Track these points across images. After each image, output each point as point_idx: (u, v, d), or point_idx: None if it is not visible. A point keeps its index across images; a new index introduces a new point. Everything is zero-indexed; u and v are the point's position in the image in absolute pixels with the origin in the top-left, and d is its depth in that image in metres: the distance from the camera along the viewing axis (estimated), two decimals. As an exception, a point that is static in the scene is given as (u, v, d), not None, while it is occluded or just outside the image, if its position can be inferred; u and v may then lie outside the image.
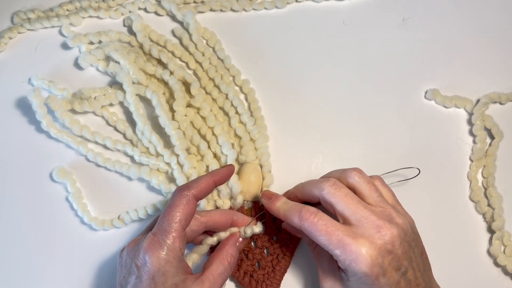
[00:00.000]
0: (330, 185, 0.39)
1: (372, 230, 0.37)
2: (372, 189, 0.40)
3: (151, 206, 0.47)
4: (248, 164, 0.47)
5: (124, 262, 0.38)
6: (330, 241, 0.37)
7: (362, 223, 0.37)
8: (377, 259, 0.36)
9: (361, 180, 0.40)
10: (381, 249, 0.36)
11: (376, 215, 0.37)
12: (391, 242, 0.36)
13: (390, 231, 0.36)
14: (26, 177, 0.48)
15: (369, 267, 0.36)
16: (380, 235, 0.36)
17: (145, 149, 0.48)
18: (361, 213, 0.37)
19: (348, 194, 0.39)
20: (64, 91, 0.49)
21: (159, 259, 0.36)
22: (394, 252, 0.36)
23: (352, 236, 0.36)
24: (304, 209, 0.39)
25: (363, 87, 0.51)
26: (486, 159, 0.49)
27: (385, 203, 0.39)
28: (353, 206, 0.38)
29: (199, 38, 0.51)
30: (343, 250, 0.36)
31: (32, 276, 0.46)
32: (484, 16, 0.53)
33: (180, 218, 0.38)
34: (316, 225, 0.37)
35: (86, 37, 0.51)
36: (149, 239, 0.37)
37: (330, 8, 0.53)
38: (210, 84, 0.50)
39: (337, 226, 0.37)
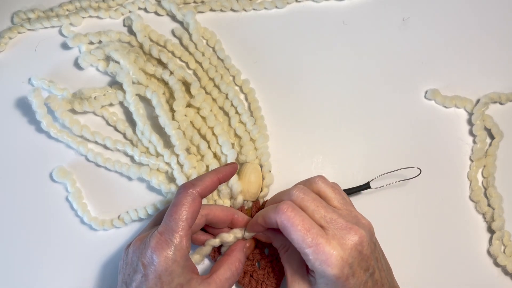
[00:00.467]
0: (298, 190, 0.39)
1: (342, 231, 0.37)
2: (336, 192, 0.40)
3: (151, 206, 0.47)
4: (248, 164, 0.47)
5: (130, 259, 0.38)
6: (304, 238, 0.36)
7: (332, 225, 0.37)
8: (347, 260, 0.36)
9: (324, 185, 0.40)
10: (352, 250, 0.36)
11: (344, 218, 0.38)
12: (360, 243, 0.37)
13: (359, 232, 0.37)
14: (26, 177, 0.48)
15: (339, 269, 0.36)
16: (350, 236, 0.37)
17: (145, 149, 0.48)
18: (330, 215, 0.38)
19: (316, 198, 0.39)
20: (64, 91, 0.49)
21: (167, 259, 0.36)
22: (363, 252, 0.37)
23: (325, 237, 0.36)
24: (281, 202, 0.38)
25: (363, 87, 0.51)
26: (486, 159, 0.49)
27: (349, 206, 0.40)
28: (322, 209, 0.38)
29: (199, 38, 0.51)
30: (315, 250, 0.36)
31: (32, 276, 0.46)
32: (484, 16, 0.53)
33: (186, 217, 0.38)
34: (293, 220, 0.37)
35: (86, 37, 0.51)
36: (156, 238, 0.37)
37: (330, 8, 0.53)
38: (210, 84, 0.50)
39: (312, 223, 0.37)
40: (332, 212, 0.38)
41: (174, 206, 0.38)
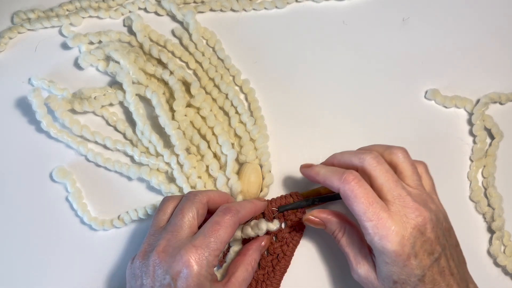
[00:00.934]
0: (373, 157, 0.39)
1: (406, 209, 0.36)
2: (414, 171, 0.39)
3: (151, 206, 0.46)
4: (248, 164, 0.47)
5: (152, 271, 0.37)
6: (366, 211, 0.36)
7: (398, 202, 0.37)
8: (409, 239, 0.36)
9: (405, 160, 0.40)
10: (414, 229, 0.36)
11: (412, 197, 0.37)
12: (423, 224, 0.36)
13: (424, 214, 0.36)
14: (26, 177, 0.48)
15: (400, 246, 0.35)
16: (414, 215, 0.36)
17: (145, 149, 0.48)
18: (399, 191, 0.37)
19: (389, 171, 0.38)
20: (64, 91, 0.49)
21: (200, 275, 0.36)
22: (427, 235, 0.36)
23: (387, 212, 0.36)
24: (347, 171, 0.38)
25: (363, 87, 0.51)
26: (486, 159, 0.49)
27: (422, 188, 0.39)
28: (392, 183, 0.38)
29: (199, 38, 0.51)
30: (376, 223, 0.36)
31: (31, 276, 0.46)
32: (484, 16, 0.53)
33: (226, 240, 0.38)
34: (357, 191, 0.37)
35: (86, 37, 0.51)
36: (191, 252, 0.36)
37: (330, 8, 0.53)
38: (210, 84, 0.50)
39: (375, 198, 0.37)
40: (401, 188, 0.37)
41: (217, 225, 0.38)
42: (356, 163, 0.40)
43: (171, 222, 0.39)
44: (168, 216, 0.40)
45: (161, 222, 0.40)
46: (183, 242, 0.37)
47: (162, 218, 0.40)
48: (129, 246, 0.47)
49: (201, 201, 0.40)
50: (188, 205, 0.39)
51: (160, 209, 0.41)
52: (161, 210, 0.41)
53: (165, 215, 0.41)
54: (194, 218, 0.39)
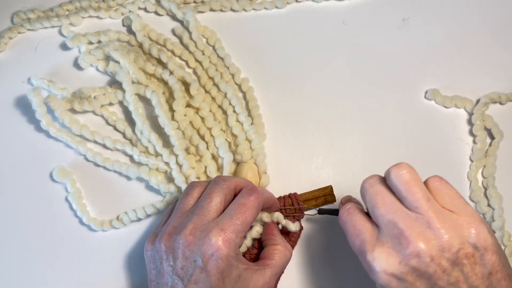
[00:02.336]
0: (367, 181, 0.36)
1: (395, 240, 0.32)
2: (410, 191, 0.33)
3: (150, 207, 0.46)
4: (244, 164, 0.46)
5: (182, 253, 0.37)
6: (353, 244, 0.35)
7: (388, 230, 0.33)
8: (394, 274, 0.32)
9: (398, 179, 0.34)
10: (401, 263, 0.32)
11: (405, 223, 0.32)
12: (415, 257, 0.32)
13: (414, 245, 0.32)
14: (25, 177, 0.48)
15: (384, 281, 0.33)
16: (401, 247, 0.32)
17: (144, 149, 0.48)
18: (389, 217, 0.33)
19: (380, 193, 0.34)
20: (63, 90, 0.49)
21: (229, 256, 0.37)
22: (421, 269, 0.32)
23: (372, 244, 0.33)
24: (344, 206, 0.37)
25: (363, 87, 0.51)
26: (486, 159, 0.49)
27: (425, 209, 0.33)
28: (382, 208, 0.34)
29: (199, 36, 0.51)
30: (361, 257, 0.34)
31: (31, 276, 0.46)
32: (484, 16, 0.53)
33: (251, 221, 0.39)
34: (346, 224, 0.36)
35: (85, 37, 0.51)
36: (220, 235, 0.37)
37: (330, 8, 0.53)
38: (210, 83, 0.50)
39: (364, 228, 0.34)
40: (393, 213, 0.33)
41: (243, 207, 0.39)
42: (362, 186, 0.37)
43: (199, 205, 0.39)
44: (194, 200, 0.41)
45: (187, 206, 0.41)
46: (211, 225, 0.38)
47: (189, 202, 0.41)
48: (128, 247, 0.47)
49: (229, 187, 0.40)
50: (217, 190, 0.40)
51: (187, 193, 0.41)
52: (188, 194, 0.41)
53: (192, 199, 0.41)
54: (221, 203, 0.39)
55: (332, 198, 0.46)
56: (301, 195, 0.46)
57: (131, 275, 0.46)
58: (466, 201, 0.35)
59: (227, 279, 0.37)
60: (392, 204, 0.34)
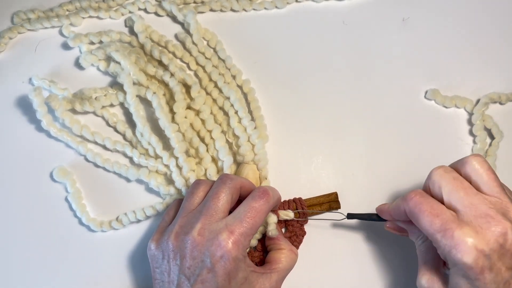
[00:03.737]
0: (439, 168, 0.37)
1: (480, 219, 0.34)
2: (491, 177, 0.36)
3: (149, 208, 0.46)
4: (245, 165, 0.46)
5: (190, 253, 0.37)
6: (432, 224, 0.35)
7: (470, 211, 0.34)
8: (484, 251, 0.33)
9: (480, 167, 0.36)
10: (490, 240, 0.33)
11: (488, 205, 0.34)
12: (502, 235, 0.33)
13: (502, 223, 0.33)
14: (25, 176, 0.48)
15: (472, 258, 0.33)
16: (490, 225, 0.33)
17: (144, 151, 0.48)
18: (470, 199, 0.35)
19: (458, 178, 0.36)
20: (64, 91, 0.49)
21: (236, 259, 0.37)
22: (506, 247, 0.33)
23: (457, 222, 0.34)
24: (410, 191, 0.37)
25: (363, 87, 0.51)
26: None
27: (503, 195, 0.35)
28: (461, 191, 0.35)
29: (200, 38, 0.51)
30: (445, 235, 0.34)
31: (30, 275, 0.46)
32: (484, 16, 0.53)
33: (259, 225, 0.39)
34: (421, 205, 0.36)
35: (86, 37, 0.51)
36: (230, 238, 0.37)
37: (330, 8, 0.53)
38: (211, 85, 0.50)
39: (442, 209, 0.35)
40: (474, 196, 0.35)
41: (254, 211, 0.39)
42: (426, 183, 0.38)
43: (206, 205, 0.39)
44: (200, 199, 0.41)
45: (193, 205, 0.41)
46: (220, 226, 0.38)
47: (195, 201, 0.41)
48: (127, 248, 0.47)
49: (235, 186, 0.40)
50: (224, 189, 0.40)
51: (193, 192, 0.41)
52: (193, 193, 0.41)
53: (197, 197, 0.41)
54: (228, 203, 0.40)
55: (337, 205, 0.46)
56: (306, 200, 0.46)
57: (130, 275, 0.46)
58: None
59: (233, 280, 0.37)
60: (470, 188, 0.36)
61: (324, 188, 0.48)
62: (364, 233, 0.46)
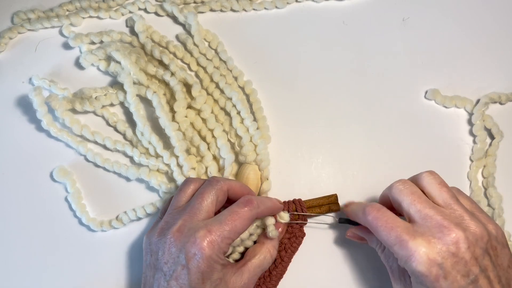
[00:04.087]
0: (398, 182, 0.40)
1: (434, 229, 0.36)
2: (444, 190, 0.38)
3: (149, 205, 0.46)
4: (246, 165, 0.46)
5: (168, 249, 0.38)
6: (388, 237, 0.37)
7: (426, 222, 0.36)
8: (436, 259, 0.35)
9: (431, 181, 0.39)
10: (442, 249, 0.35)
11: (442, 216, 0.36)
12: (454, 244, 0.35)
13: (455, 232, 0.35)
14: (25, 176, 0.48)
15: (425, 266, 0.35)
16: (442, 235, 0.35)
17: (145, 150, 0.48)
18: (426, 211, 0.37)
19: (416, 192, 0.38)
20: (65, 90, 0.49)
21: (210, 259, 0.37)
22: (459, 255, 0.35)
23: (411, 234, 0.36)
24: (368, 205, 0.39)
25: (363, 87, 0.51)
26: (486, 159, 0.49)
27: (457, 206, 0.38)
28: (418, 204, 0.37)
29: (201, 40, 0.51)
30: (400, 246, 0.36)
31: (29, 275, 0.46)
32: (484, 16, 0.53)
33: (240, 231, 0.39)
34: (378, 220, 0.38)
35: (87, 37, 0.51)
36: (206, 236, 0.37)
37: (330, 8, 0.53)
38: (212, 86, 0.50)
39: (398, 222, 0.37)
40: (429, 208, 0.37)
41: (237, 216, 0.39)
42: (387, 193, 0.41)
43: (190, 204, 0.40)
44: (187, 197, 0.41)
45: (180, 202, 0.41)
46: (199, 225, 0.38)
47: (182, 198, 0.41)
48: (127, 248, 0.47)
49: (222, 188, 0.41)
50: (209, 190, 0.40)
51: (181, 189, 0.42)
52: (182, 191, 0.42)
53: (185, 196, 0.41)
54: (213, 204, 0.40)
55: (337, 207, 0.46)
56: (305, 201, 0.46)
57: (130, 275, 0.46)
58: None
59: (207, 281, 0.37)
60: (427, 201, 0.38)
61: (324, 188, 0.48)
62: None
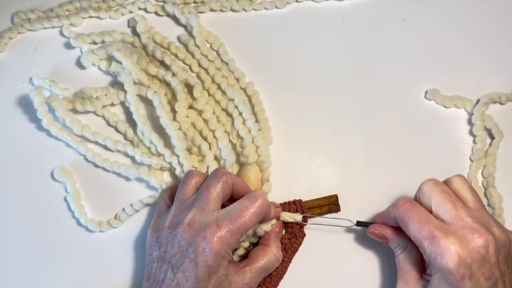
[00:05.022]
0: (429, 180, 0.40)
1: (466, 231, 0.36)
2: (474, 194, 0.40)
3: (147, 197, 0.47)
4: (247, 166, 0.46)
5: (178, 243, 0.38)
6: (420, 231, 0.37)
7: (457, 222, 0.37)
8: (466, 260, 0.35)
9: (463, 184, 0.40)
10: (473, 251, 0.35)
11: (473, 218, 0.37)
12: (484, 247, 0.36)
13: (486, 236, 0.36)
14: (24, 175, 0.48)
15: (455, 265, 0.35)
16: (474, 237, 0.36)
17: (146, 150, 0.48)
18: (457, 212, 0.37)
19: (447, 191, 0.39)
20: (65, 90, 0.49)
21: (218, 254, 0.37)
22: (487, 258, 0.36)
23: (444, 231, 0.36)
24: (401, 199, 0.40)
25: (363, 87, 0.51)
26: (486, 159, 0.49)
27: (485, 211, 0.39)
28: (450, 204, 0.38)
29: (203, 41, 0.51)
30: (432, 242, 0.36)
31: (28, 275, 0.46)
32: (484, 16, 0.53)
33: (250, 226, 0.39)
34: (411, 212, 0.38)
35: (89, 37, 0.51)
36: (216, 233, 0.37)
37: (330, 8, 0.53)
38: (214, 87, 0.50)
39: (431, 217, 0.37)
40: (461, 209, 0.37)
41: (247, 211, 0.39)
42: (417, 193, 0.41)
43: (198, 198, 0.40)
44: (192, 189, 0.42)
45: (186, 195, 0.41)
46: (210, 219, 0.38)
47: (187, 191, 0.41)
48: (126, 247, 0.47)
49: (227, 181, 0.41)
50: (215, 182, 0.40)
51: (184, 182, 0.42)
52: (185, 184, 0.42)
53: (189, 188, 0.42)
54: (219, 196, 0.40)
55: (337, 208, 0.46)
56: (306, 202, 0.46)
57: (130, 275, 0.46)
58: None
59: (213, 275, 0.37)
60: (458, 201, 0.38)
61: (324, 188, 0.48)
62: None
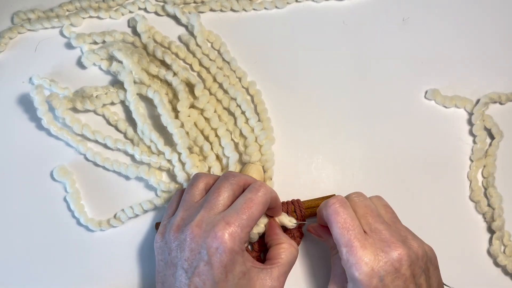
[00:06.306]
0: (356, 194, 0.41)
1: (382, 243, 0.37)
2: (389, 211, 0.41)
3: (147, 202, 0.46)
4: (250, 165, 0.46)
5: (189, 245, 0.37)
6: (342, 236, 0.37)
7: (376, 235, 0.37)
8: (378, 272, 0.36)
9: (377, 202, 0.41)
10: (386, 264, 0.36)
11: (390, 232, 0.38)
12: (398, 261, 0.36)
13: (400, 250, 0.36)
14: (24, 175, 0.48)
15: (367, 277, 0.36)
16: (389, 250, 0.36)
17: (146, 148, 0.48)
18: (377, 225, 0.38)
19: (369, 206, 0.40)
20: (65, 90, 0.49)
21: (232, 251, 0.37)
22: (401, 272, 0.36)
23: (361, 242, 0.37)
24: (332, 197, 0.40)
25: (363, 87, 0.51)
26: (486, 159, 0.49)
27: (401, 225, 0.40)
28: (370, 217, 0.39)
29: (204, 40, 0.51)
30: (349, 250, 0.37)
31: (28, 275, 0.46)
32: (484, 16, 0.53)
33: (257, 217, 0.39)
34: (336, 215, 0.38)
35: (90, 37, 0.51)
36: (226, 229, 0.37)
37: (330, 8, 0.53)
38: (215, 86, 0.50)
39: (355, 224, 0.38)
40: (380, 223, 0.38)
41: (252, 202, 0.38)
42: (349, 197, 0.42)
43: (207, 200, 0.39)
44: (200, 191, 0.41)
45: (194, 197, 0.41)
46: (217, 218, 0.38)
47: (195, 193, 0.41)
48: (127, 247, 0.47)
49: (238, 183, 0.40)
50: (225, 184, 0.40)
51: (193, 185, 0.42)
52: (194, 186, 0.41)
53: (198, 190, 0.41)
54: (229, 199, 0.39)
55: None
56: (304, 202, 0.46)
57: (130, 274, 0.46)
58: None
59: (230, 274, 0.37)
60: (378, 216, 0.39)
61: (324, 188, 0.48)
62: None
